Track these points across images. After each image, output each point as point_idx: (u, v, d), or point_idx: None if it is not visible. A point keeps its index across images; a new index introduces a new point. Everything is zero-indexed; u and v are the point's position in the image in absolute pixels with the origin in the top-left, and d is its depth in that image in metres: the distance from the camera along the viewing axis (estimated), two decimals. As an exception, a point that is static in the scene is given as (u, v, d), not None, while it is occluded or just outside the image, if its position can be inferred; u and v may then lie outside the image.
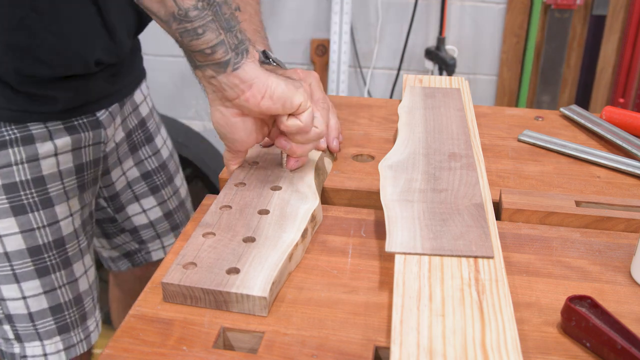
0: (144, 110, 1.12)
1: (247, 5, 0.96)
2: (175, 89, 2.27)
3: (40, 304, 0.93)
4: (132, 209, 1.15)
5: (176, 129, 2.13)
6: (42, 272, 0.93)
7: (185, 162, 1.95)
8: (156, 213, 1.17)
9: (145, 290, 0.62)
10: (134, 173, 1.13)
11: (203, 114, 2.33)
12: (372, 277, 0.64)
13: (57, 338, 0.96)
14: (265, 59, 0.86)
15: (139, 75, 1.11)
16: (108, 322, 1.82)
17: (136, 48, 1.10)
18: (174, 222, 1.21)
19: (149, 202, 1.16)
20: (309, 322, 0.58)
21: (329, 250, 0.69)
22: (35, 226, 0.91)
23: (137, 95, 1.11)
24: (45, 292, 0.93)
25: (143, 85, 1.13)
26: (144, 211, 1.16)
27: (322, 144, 0.82)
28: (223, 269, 0.61)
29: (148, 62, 1.19)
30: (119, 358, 0.54)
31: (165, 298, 0.61)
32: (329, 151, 0.86)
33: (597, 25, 1.99)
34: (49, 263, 0.93)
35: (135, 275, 1.27)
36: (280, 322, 0.58)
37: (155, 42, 1.04)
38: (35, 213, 0.91)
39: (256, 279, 0.60)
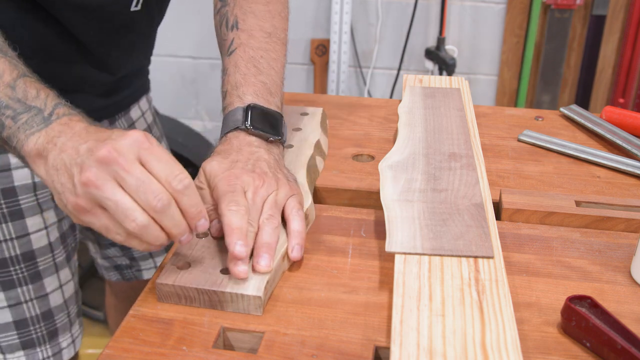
0: (140, 127, 1.06)
1: (247, 15, 0.83)
2: (175, 89, 2.27)
3: (3, 317, 0.90)
4: None
5: (176, 129, 2.13)
6: (7, 286, 0.89)
7: (185, 162, 1.95)
8: None
9: (145, 290, 0.62)
10: None
11: (203, 114, 2.33)
12: (372, 277, 0.64)
13: (21, 353, 0.92)
14: (243, 122, 0.73)
15: (138, 90, 1.05)
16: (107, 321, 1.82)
17: (140, 64, 1.04)
18: (169, 242, 1.17)
19: None
20: (309, 322, 0.58)
21: (329, 250, 0.69)
22: (2, 238, 0.87)
23: (134, 112, 1.04)
24: (9, 306, 0.90)
25: (142, 101, 1.07)
26: None
27: (265, 266, 0.62)
28: (217, 269, 0.61)
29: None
30: (119, 358, 0.54)
31: (160, 298, 0.61)
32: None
33: (597, 25, 1.99)
34: (14, 276, 0.89)
35: (130, 284, 1.23)
36: (280, 322, 0.58)
37: (155, 42, 1.03)
38: (3, 225, 0.87)
39: (250, 279, 0.60)
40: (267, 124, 0.75)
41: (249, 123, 0.73)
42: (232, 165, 0.69)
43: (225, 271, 0.61)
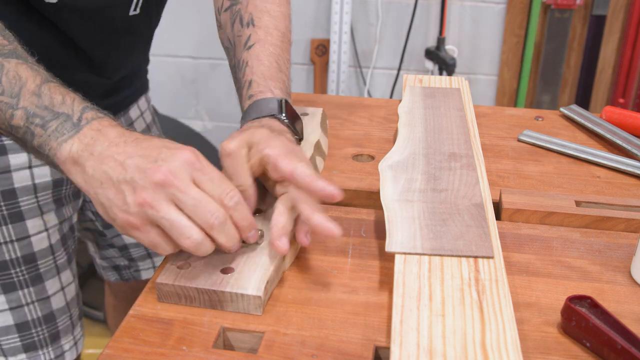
0: (139, 127, 1.07)
1: (263, 13, 0.84)
2: (175, 89, 2.27)
3: (5, 320, 0.89)
4: None
5: (176, 129, 2.13)
6: (8, 288, 0.88)
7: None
8: None
9: (144, 290, 0.62)
10: None
11: (203, 114, 2.33)
12: (372, 277, 0.64)
13: (23, 356, 0.91)
14: (279, 112, 0.74)
15: (138, 90, 1.05)
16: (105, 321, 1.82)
17: (139, 66, 1.04)
18: None
19: None
20: (309, 322, 0.58)
21: (329, 250, 0.69)
22: (2, 240, 0.86)
23: (133, 111, 1.04)
24: (11, 309, 0.89)
25: (141, 100, 1.07)
26: None
27: (281, 244, 0.61)
28: (217, 268, 0.61)
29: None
30: (119, 358, 0.54)
31: (160, 298, 0.61)
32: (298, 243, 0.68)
33: (597, 25, 1.99)
34: (15, 279, 0.89)
35: (129, 284, 1.23)
36: (280, 322, 0.58)
37: (154, 42, 1.03)
38: (3, 227, 0.86)
39: (250, 278, 0.60)
40: (296, 123, 0.77)
41: (284, 116, 0.74)
42: (279, 137, 0.69)
43: (225, 271, 0.61)
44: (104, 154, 0.59)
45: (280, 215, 0.63)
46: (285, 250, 0.62)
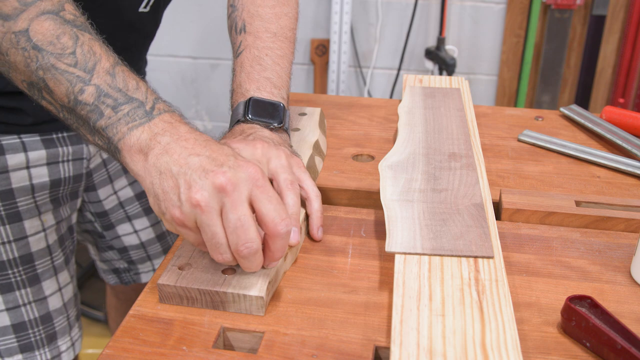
0: None
1: (254, 18, 0.85)
2: (175, 89, 2.27)
3: (1, 320, 0.89)
4: (123, 228, 1.10)
5: (176, 129, 2.12)
6: (5, 289, 0.88)
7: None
8: (148, 234, 1.13)
9: (144, 290, 0.62)
10: (127, 193, 1.08)
11: (203, 114, 2.33)
12: (372, 277, 0.64)
13: (19, 356, 0.91)
14: (243, 115, 0.76)
15: None
16: (106, 321, 1.82)
17: (139, 66, 1.03)
18: (167, 244, 1.16)
19: (142, 222, 1.11)
20: (309, 322, 0.58)
21: (329, 250, 0.69)
22: None
23: None
24: (7, 309, 0.89)
25: None
26: (135, 232, 1.11)
27: (294, 238, 0.64)
28: (219, 269, 0.61)
29: (148, 62, 1.19)
30: (119, 358, 0.54)
31: (162, 299, 0.61)
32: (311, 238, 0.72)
33: (597, 25, 1.99)
34: (13, 279, 0.89)
35: (130, 286, 1.23)
36: (280, 322, 0.58)
37: (155, 42, 1.03)
38: (1, 227, 0.86)
39: (252, 279, 0.60)
40: (267, 114, 0.77)
41: (249, 115, 0.75)
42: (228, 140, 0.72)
43: (227, 271, 0.61)
44: (171, 145, 0.58)
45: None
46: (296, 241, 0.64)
